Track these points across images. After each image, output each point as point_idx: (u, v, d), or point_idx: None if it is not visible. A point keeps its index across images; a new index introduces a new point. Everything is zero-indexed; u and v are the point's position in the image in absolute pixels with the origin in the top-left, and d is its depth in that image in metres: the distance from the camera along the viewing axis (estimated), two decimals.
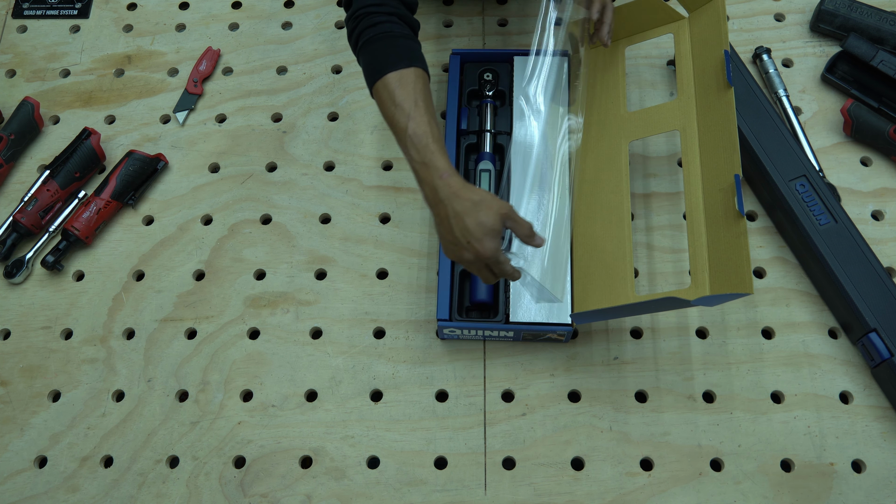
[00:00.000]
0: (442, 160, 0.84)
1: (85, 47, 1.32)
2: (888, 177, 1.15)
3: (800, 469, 0.97)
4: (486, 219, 0.81)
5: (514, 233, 0.86)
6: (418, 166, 0.85)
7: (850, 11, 1.21)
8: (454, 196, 0.82)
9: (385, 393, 1.04)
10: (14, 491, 1.01)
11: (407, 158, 0.87)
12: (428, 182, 0.84)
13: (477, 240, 0.81)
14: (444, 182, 0.83)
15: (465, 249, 0.83)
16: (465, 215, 0.81)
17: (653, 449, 0.99)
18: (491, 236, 0.82)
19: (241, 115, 1.25)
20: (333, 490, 0.98)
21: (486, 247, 0.82)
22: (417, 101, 0.86)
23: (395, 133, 0.88)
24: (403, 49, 0.89)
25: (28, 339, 1.10)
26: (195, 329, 1.09)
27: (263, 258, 1.13)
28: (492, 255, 0.82)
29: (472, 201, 0.82)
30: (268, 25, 1.32)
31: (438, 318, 1.01)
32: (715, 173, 0.95)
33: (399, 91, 0.86)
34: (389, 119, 0.88)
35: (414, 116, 0.85)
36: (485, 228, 0.81)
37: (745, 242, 0.87)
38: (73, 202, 1.17)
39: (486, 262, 0.84)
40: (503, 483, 0.98)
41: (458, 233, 0.82)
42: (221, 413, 1.04)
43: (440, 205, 0.84)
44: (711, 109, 1.00)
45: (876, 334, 0.99)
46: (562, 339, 1.03)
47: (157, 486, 1.00)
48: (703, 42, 1.05)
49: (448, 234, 0.84)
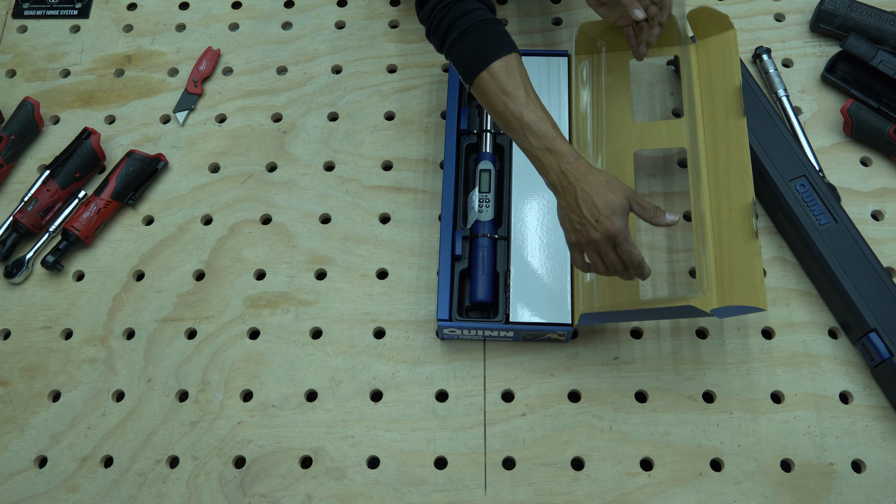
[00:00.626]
0: (565, 145, 0.87)
1: (85, 47, 1.32)
2: (888, 177, 1.15)
3: (800, 469, 0.97)
4: (614, 197, 0.84)
5: (639, 215, 0.87)
6: (540, 153, 0.87)
7: (850, 11, 1.21)
8: (583, 178, 0.85)
9: (385, 393, 1.04)
10: (14, 491, 1.01)
11: (522, 146, 0.88)
12: (554, 168, 0.86)
13: (606, 217, 0.83)
14: (572, 166, 0.85)
15: (594, 228, 0.84)
16: (595, 194, 0.84)
17: (653, 449, 0.99)
18: (619, 214, 0.84)
19: (241, 115, 1.25)
20: (333, 490, 0.98)
21: (615, 224, 0.83)
22: (528, 89, 0.88)
23: (506, 121, 0.89)
24: (501, 35, 0.89)
25: (28, 339, 1.10)
26: (195, 329, 1.09)
27: (263, 258, 1.13)
28: (619, 231, 0.84)
29: (600, 182, 0.84)
30: (268, 25, 1.32)
31: (438, 318, 1.01)
32: (726, 193, 1.00)
33: (507, 80, 0.87)
34: (500, 109, 0.88)
35: (528, 104, 0.87)
36: (613, 206, 0.83)
37: (759, 262, 0.93)
38: (73, 202, 1.17)
39: (614, 240, 0.84)
40: (503, 483, 0.98)
41: (587, 212, 0.84)
42: (221, 413, 1.04)
43: (569, 187, 0.85)
44: (722, 133, 1.04)
45: (876, 334, 0.99)
46: (562, 340, 1.03)
47: (157, 486, 1.00)
48: (712, 69, 1.09)
49: (577, 215, 0.85)
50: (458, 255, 1.05)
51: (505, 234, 1.07)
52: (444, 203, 1.08)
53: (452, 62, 0.93)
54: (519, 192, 1.08)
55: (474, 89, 0.91)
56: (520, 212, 1.07)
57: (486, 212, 1.06)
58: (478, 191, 1.07)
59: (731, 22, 1.09)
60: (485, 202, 1.07)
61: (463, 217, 1.09)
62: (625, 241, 0.85)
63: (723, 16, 1.09)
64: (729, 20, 1.09)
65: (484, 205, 1.07)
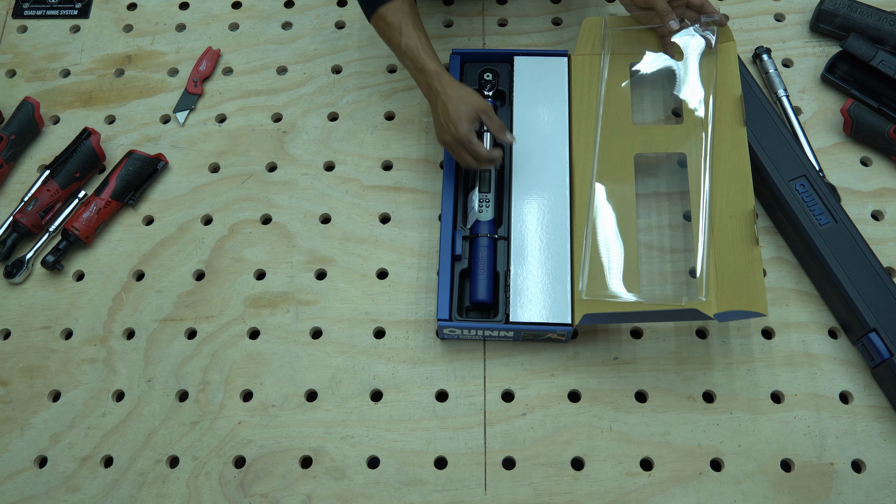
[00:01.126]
0: (432, 63, 1.02)
1: (85, 47, 1.32)
2: (888, 177, 1.15)
3: (800, 469, 0.97)
4: (464, 106, 1.00)
5: (487, 127, 1.03)
6: (415, 73, 1.04)
7: (850, 11, 1.21)
8: (443, 91, 1.01)
9: (385, 393, 1.04)
10: (14, 491, 1.01)
11: (409, 71, 1.05)
12: (423, 83, 1.04)
13: (454, 123, 0.99)
14: (436, 81, 1.02)
15: (446, 132, 1.01)
16: (449, 103, 1.00)
17: (653, 449, 0.99)
18: (466, 121, 1.00)
19: (241, 115, 1.25)
20: (333, 490, 0.98)
21: (461, 129, 1.00)
22: (405, 20, 1.03)
23: (395, 53, 1.06)
24: None
25: (28, 339, 1.10)
26: (195, 329, 1.09)
27: (263, 258, 1.13)
28: (464, 136, 1.00)
29: (456, 94, 1.01)
30: (268, 25, 1.32)
31: (438, 318, 1.01)
32: (726, 200, 1.03)
33: (393, 17, 1.03)
34: (392, 42, 1.05)
35: (405, 32, 1.03)
36: (461, 114, 1.00)
37: (759, 267, 0.96)
38: (73, 202, 1.17)
39: (461, 142, 1.00)
40: (503, 483, 0.98)
41: (443, 118, 1.01)
42: (221, 413, 1.04)
43: (434, 99, 1.03)
44: (722, 141, 1.06)
45: (876, 334, 0.99)
46: (562, 340, 1.03)
47: (157, 486, 1.00)
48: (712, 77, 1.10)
49: (436, 119, 1.03)
50: (458, 254, 1.05)
51: (505, 234, 1.07)
52: (444, 203, 1.08)
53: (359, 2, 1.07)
54: (519, 192, 1.08)
55: (376, 29, 1.06)
56: (520, 212, 1.07)
57: (486, 212, 1.07)
58: (478, 191, 1.08)
59: (732, 34, 1.11)
60: (485, 202, 1.07)
61: (463, 217, 1.09)
62: (469, 144, 1.00)
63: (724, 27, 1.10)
64: (730, 32, 1.11)
65: (484, 205, 1.07)
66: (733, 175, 1.03)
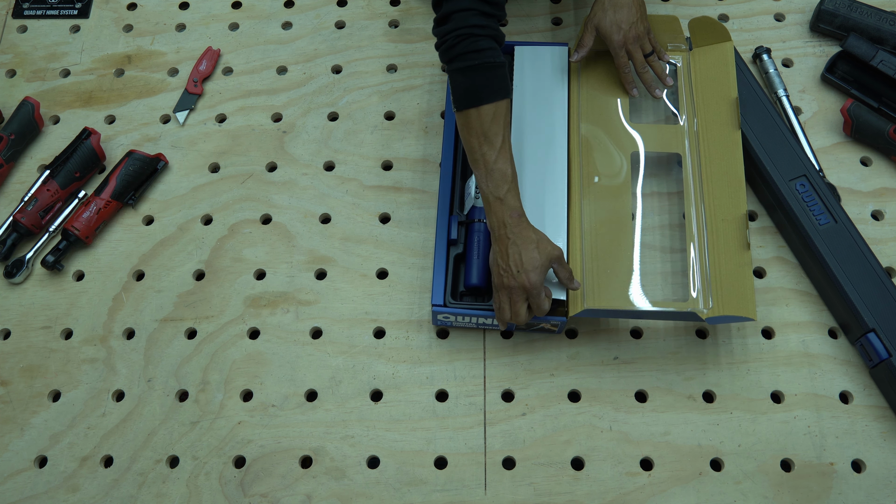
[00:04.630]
0: (516, 200, 0.96)
1: (85, 47, 1.32)
2: (888, 177, 1.15)
3: (800, 469, 0.97)
4: (537, 255, 0.93)
5: (558, 275, 0.97)
6: (493, 200, 0.96)
7: (850, 11, 1.21)
8: (518, 233, 0.94)
9: (385, 393, 1.04)
10: (14, 491, 1.01)
11: (481, 186, 0.97)
12: (499, 215, 0.95)
13: (526, 270, 0.93)
14: (513, 220, 0.95)
15: (514, 278, 0.94)
16: (522, 249, 0.94)
17: (653, 449, 0.99)
18: (538, 271, 0.93)
19: (241, 115, 1.25)
20: (333, 490, 0.98)
21: (531, 278, 0.93)
22: (506, 138, 0.96)
23: (474, 159, 0.97)
24: (501, 80, 0.96)
25: (28, 339, 1.10)
26: (195, 329, 1.09)
27: (263, 258, 1.13)
28: (534, 285, 0.93)
29: (531, 239, 0.94)
30: (268, 25, 1.32)
31: (433, 303, 1.00)
32: (719, 203, 1.03)
33: (492, 125, 0.95)
34: (474, 146, 0.96)
35: (500, 153, 0.95)
36: (534, 263, 0.93)
37: (749, 273, 0.97)
38: (73, 202, 1.17)
39: (528, 292, 0.94)
40: (503, 483, 0.98)
41: (512, 262, 0.94)
42: (221, 413, 1.04)
43: (504, 237, 0.95)
44: (716, 143, 1.07)
45: (874, 335, 0.99)
46: (554, 330, 1.03)
47: (157, 486, 1.00)
48: (709, 79, 1.11)
49: (503, 262, 0.95)
50: (454, 239, 1.04)
51: None
52: (441, 190, 1.08)
53: (450, 85, 0.98)
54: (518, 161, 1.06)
55: (459, 118, 0.97)
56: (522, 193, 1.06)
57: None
58: (474, 177, 1.07)
59: (729, 34, 1.12)
60: None
61: (460, 203, 1.08)
62: (537, 296, 0.94)
63: (721, 27, 1.12)
64: (727, 32, 1.12)
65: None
66: (727, 178, 1.04)
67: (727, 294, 0.97)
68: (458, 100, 0.96)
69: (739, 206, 1.01)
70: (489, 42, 0.95)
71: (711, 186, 1.04)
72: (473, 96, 0.94)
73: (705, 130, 1.09)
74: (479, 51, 0.94)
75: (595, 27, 1.09)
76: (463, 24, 0.93)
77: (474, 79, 0.95)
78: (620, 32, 1.08)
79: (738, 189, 1.03)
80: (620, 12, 1.07)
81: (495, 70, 0.95)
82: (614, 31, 1.07)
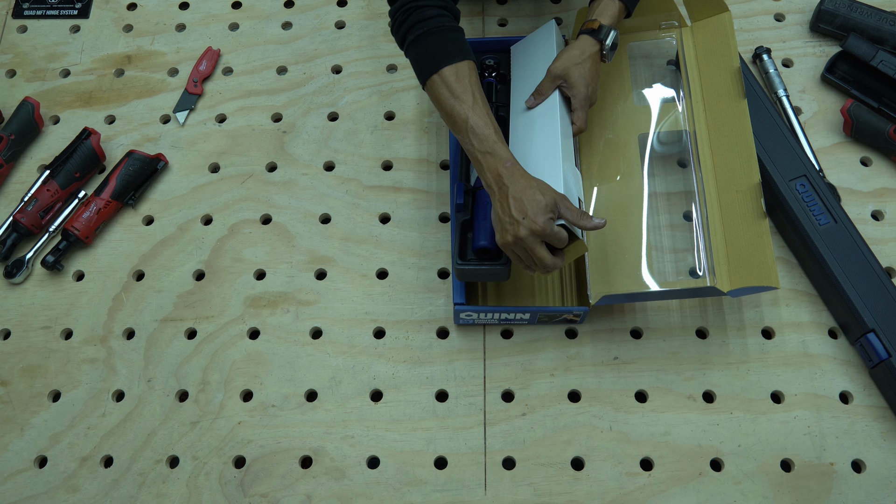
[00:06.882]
0: (505, 150, 0.92)
1: (85, 47, 1.32)
2: (888, 177, 1.15)
3: (800, 469, 0.97)
4: (541, 196, 0.89)
5: (567, 217, 0.91)
6: (481, 155, 0.92)
7: (850, 11, 1.21)
8: (515, 181, 0.90)
9: (385, 393, 1.04)
10: (14, 491, 1.01)
11: (465, 147, 0.94)
12: (492, 169, 0.92)
13: (531, 215, 0.88)
14: (507, 169, 0.91)
15: (521, 225, 0.89)
16: (524, 195, 0.89)
17: (653, 449, 0.99)
18: (546, 211, 0.89)
19: (241, 115, 1.25)
20: (333, 490, 0.98)
21: (540, 221, 0.88)
22: (476, 94, 0.93)
23: (453, 123, 0.94)
24: (457, 42, 0.94)
25: (28, 339, 1.10)
26: (195, 329, 1.09)
27: (263, 258, 1.13)
28: (544, 228, 0.89)
29: (530, 185, 0.90)
30: (268, 25, 1.32)
31: (455, 301, 1.00)
32: (730, 175, 1.02)
33: (457, 84, 0.92)
34: (448, 110, 0.94)
35: (474, 108, 0.92)
36: (539, 205, 0.88)
37: (768, 241, 0.95)
38: (73, 202, 1.17)
39: (541, 235, 0.89)
40: (503, 483, 0.98)
41: (515, 211, 0.89)
42: (221, 413, 1.04)
43: (503, 188, 0.90)
44: (723, 115, 1.05)
45: (874, 335, 0.99)
46: (577, 320, 1.03)
47: (157, 486, 1.00)
48: (710, 51, 1.10)
49: (506, 213, 0.90)
50: (460, 203, 1.02)
51: None
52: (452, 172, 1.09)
53: (411, 62, 0.97)
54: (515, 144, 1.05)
55: (426, 90, 0.95)
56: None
57: None
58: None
59: (726, 4, 1.10)
60: None
61: (466, 175, 1.06)
62: (552, 234, 0.89)
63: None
64: (724, 2, 1.10)
65: None
66: (737, 149, 1.02)
67: (747, 265, 0.96)
68: (419, 72, 0.94)
69: (752, 175, 1.00)
70: (437, 10, 0.94)
71: (722, 160, 1.03)
72: (430, 62, 0.93)
73: (712, 104, 1.07)
74: (427, 18, 0.93)
75: (562, 76, 1.02)
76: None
77: (428, 45, 0.93)
78: (588, 87, 1.02)
79: (750, 158, 1.01)
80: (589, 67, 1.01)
81: (447, 33, 0.94)
82: (582, 84, 1.01)
